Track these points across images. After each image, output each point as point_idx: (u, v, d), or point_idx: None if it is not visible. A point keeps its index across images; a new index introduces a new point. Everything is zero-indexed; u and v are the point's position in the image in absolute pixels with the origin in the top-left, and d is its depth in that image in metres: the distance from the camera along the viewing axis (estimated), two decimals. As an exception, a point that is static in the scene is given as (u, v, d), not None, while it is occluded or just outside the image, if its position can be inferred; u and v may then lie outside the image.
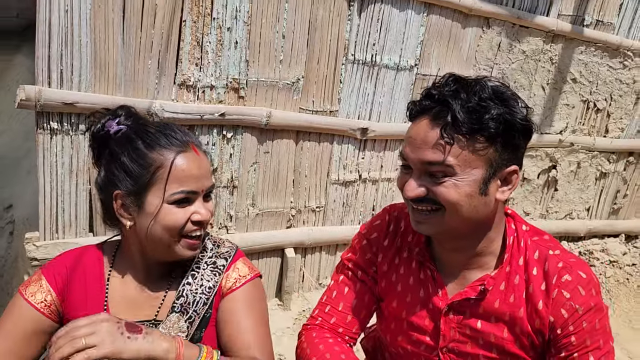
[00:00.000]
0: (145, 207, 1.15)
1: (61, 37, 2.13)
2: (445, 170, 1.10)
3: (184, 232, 1.17)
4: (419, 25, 2.90)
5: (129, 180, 1.15)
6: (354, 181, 3.05)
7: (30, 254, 2.31)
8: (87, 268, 1.25)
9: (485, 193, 1.13)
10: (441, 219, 1.15)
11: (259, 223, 2.84)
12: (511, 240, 1.23)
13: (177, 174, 1.14)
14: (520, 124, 1.11)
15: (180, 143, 1.17)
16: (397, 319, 1.33)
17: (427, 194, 1.13)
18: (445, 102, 1.10)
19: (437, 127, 1.10)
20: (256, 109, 2.60)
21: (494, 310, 1.21)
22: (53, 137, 2.24)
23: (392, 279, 1.35)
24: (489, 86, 1.12)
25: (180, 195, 1.15)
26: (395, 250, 1.36)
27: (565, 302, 1.15)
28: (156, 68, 2.34)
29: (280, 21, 2.55)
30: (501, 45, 3.18)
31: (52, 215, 2.33)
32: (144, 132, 1.17)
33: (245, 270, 1.29)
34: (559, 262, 1.18)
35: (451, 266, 1.27)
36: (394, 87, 2.95)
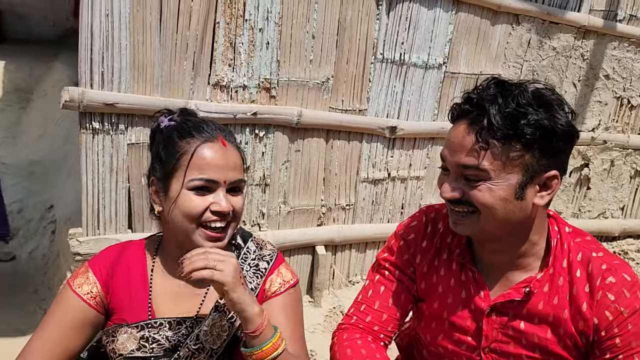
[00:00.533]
0: (169, 192, 1.19)
1: (102, 40, 2.23)
2: (479, 174, 1.11)
3: (202, 220, 1.18)
4: (448, 23, 2.92)
5: (160, 166, 1.22)
6: (383, 179, 3.08)
7: (73, 249, 2.41)
8: (130, 262, 1.29)
9: (522, 198, 1.13)
10: (476, 221, 1.16)
11: (291, 221, 2.90)
12: (555, 243, 1.23)
13: (198, 161, 1.18)
14: (560, 130, 1.09)
15: (208, 134, 1.21)
16: (438, 319, 1.34)
17: (463, 196, 1.15)
18: (482, 106, 1.10)
19: (474, 131, 1.10)
20: (287, 108, 2.66)
21: (538, 311, 1.22)
22: (95, 137, 2.34)
23: (432, 280, 1.36)
24: (529, 91, 1.11)
25: (199, 182, 1.17)
26: (435, 251, 1.37)
27: (610, 304, 1.15)
28: (191, 69, 2.43)
29: (310, 22, 2.61)
30: (531, 42, 3.17)
31: (94, 212, 2.43)
32: (182, 125, 1.23)
33: (289, 275, 1.33)
34: (603, 264, 1.18)
35: (493, 267, 1.28)
36: (422, 86, 2.98)
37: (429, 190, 3.24)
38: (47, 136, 5.25)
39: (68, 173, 4.22)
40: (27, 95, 6.46)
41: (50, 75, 6.44)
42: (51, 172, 4.52)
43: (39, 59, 6.89)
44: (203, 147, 1.19)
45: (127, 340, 1.20)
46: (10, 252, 3.63)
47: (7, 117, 6.01)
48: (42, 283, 3.31)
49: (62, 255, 3.22)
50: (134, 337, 1.21)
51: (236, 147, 1.25)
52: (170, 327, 1.22)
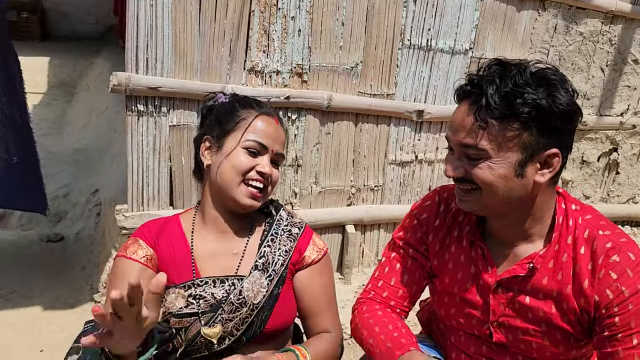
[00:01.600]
0: (224, 148, 1.39)
1: (147, 29, 2.40)
2: (479, 153, 1.16)
3: (247, 177, 1.36)
4: (474, 10, 3.00)
5: (218, 126, 1.41)
6: (410, 162, 3.19)
7: (120, 223, 2.60)
8: (170, 230, 1.42)
9: (522, 175, 1.17)
10: (479, 198, 1.21)
11: (322, 200, 3.03)
12: (560, 220, 1.25)
13: (255, 127, 1.39)
14: (559, 109, 1.11)
15: (267, 110, 1.43)
16: (449, 294, 1.40)
17: (465, 175, 1.20)
18: (481, 87, 1.14)
19: (473, 111, 1.15)
20: (318, 92, 2.79)
21: (542, 287, 1.25)
22: (139, 119, 2.51)
23: (444, 257, 1.41)
24: (528, 70, 1.13)
25: (253, 143, 1.37)
26: (447, 229, 1.42)
27: (612, 282, 1.16)
28: (228, 55, 2.58)
29: (340, 9, 2.73)
30: (557, 27, 3.22)
31: (139, 190, 2.61)
32: (244, 99, 1.46)
33: (321, 244, 1.51)
34: (608, 242, 1.19)
35: (501, 244, 1.31)
36: (449, 71, 3.06)
37: (456, 173, 3.32)
38: (91, 126, 5.49)
39: (111, 159, 4.43)
40: (71, 90, 6.72)
41: (93, 69, 6.68)
42: (95, 159, 4.74)
43: (81, 55, 7.17)
44: (262, 117, 1.40)
45: (175, 299, 1.34)
46: (59, 233, 3.87)
47: (53, 110, 6.26)
48: (89, 261, 3.52)
49: (107, 233, 3.40)
50: (181, 296, 1.34)
51: (284, 129, 1.47)
52: (214, 285, 1.36)
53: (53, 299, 3.17)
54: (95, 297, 3.12)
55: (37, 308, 3.05)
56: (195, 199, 2.73)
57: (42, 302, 3.11)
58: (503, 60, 1.19)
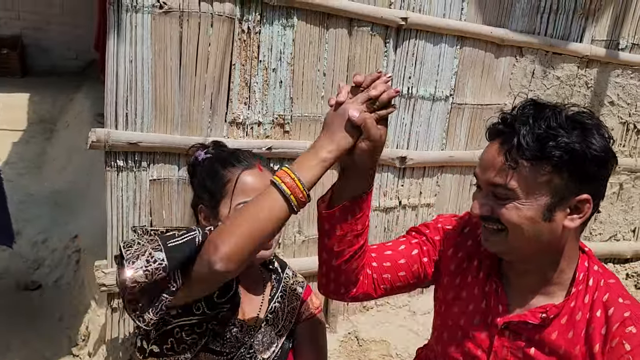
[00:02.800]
0: (219, 216, 1.35)
1: (127, 84, 2.38)
2: (507, 193, 1.13)
3: None
4: (453, 57, 3.04)
5: (207, 195, 1.38)
6: (394, 207, 3.18)
7: (99, 280, 2.54)
8: None
9: (550, 219, 1.13)
10: (505, 239, 1.17)
11: (305, 249, 3.00)
12: (581, 277, 1.22)
13: (242, 186, 1.34)
14: (592, 154, 1.09)
15: (247, 162, 1.38)
16: (453, 327, 1.35)
17: (492, 214, 1.17)
18: (514, 126, 1.12)
19: (504, 150, 1.13)
20: (300, 142, 2.79)
21: (550, 341, 1.21)
22: (119, 174, 2.48)
23: (456, 281, 1.37)
24: (564, 113, 1.11)
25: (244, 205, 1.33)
26: (466, 254, 1.38)
27: (624, 354, 1.11)
28: (209, 108, 2.57)
29: (321, 60, 2.75)
30: (535, 72, 3.28)
31: (118, 245, 2.55)
32: (220, 156, 1.41)
33: (318, 302, 1.56)
34: (627, 312, 1.15)
35: (518, 288, 1.28)
36: (430, 117, 3.09)
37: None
38: (71, 167, 5.39)
39: (91, 203, 4.34)
40: (51, 127, 6.61)
41: (73, 106, 6.59)
42: (75, 202, 4.66)
43: (61, 91, 7.08)
44: (244, 174, 1.35)
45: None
46: (36, 281, 3.76)
47: (32, 149, 6.15)
48: (67, 311, 3.41)
49: (87, 283, 3.33)
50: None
51: (269, 170, 1.42)
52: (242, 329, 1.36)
53: (30, 353, 3.09)
54: (74, 350, 3.03)
55: (12, 363, 2.97)
56: (176, 253, 2.67)
57: (19, 356, 3.02)
58: (538, 100, 1.17)
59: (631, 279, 3.87)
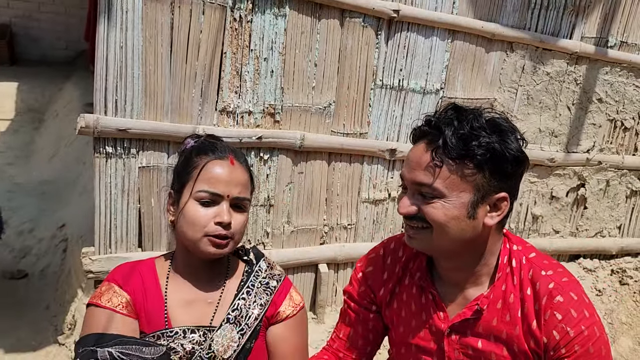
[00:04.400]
0: (180, 202, 1.31)
1: (116, 70, 2.37)
2: (434, 191, 1.17)
3: (206, 232, 1.27)
4: (444, 51, 3.05)
5: (176, 179, 1.35)
6: (383, 200, 3.19)
7: (86, 267, 2.53)
8: (143, 276, 1.36)
9: (473, 217, 1.19)
10: (429, 237, 1.22)
11: (294, 240, 3.00)
12: (505, 260, 1.28)
13: (206, 175, 1.29)
14: (510, 154, 1.17)
15: (220, 153, 1.33)
16: (405, 344, 1.39)
17: (418, 212, 1.20)
18: (439, 128, 1.18)
19: (430, 150, 1.18)
20: (291, 132, 2.79)
21: (492, 328, 1.26)
22: (108, 161, 2.46)
23: (394, 306, 1.42)
24: (483, 117, 1.20)
25: (204, 194, 1.28)
26: (396, 279, 1.42)
27: (557, 323, 1.18)
28: (199, 96, 2.56)
29: (312, 51, 2.75)
30: (525, 67, 3.30)
31: (106, 232, 2.55)
32: (200, 145, 1.37)
33: (298, 299, 1.45)
34: (550, 283, 1.21)
35: (451, 288, 1.33)
36: (420, 110, 3.10)
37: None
38: (59, 157, 5.36)
39: (79, 193, 4.33)
40: (40, 116, 6.58)
41: (62, 96, 6.55)
42: (62, 192, 4.63)
43: (50, 81, 7.04)
44: (212, 163, 1.30)
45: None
46: (22, 270, 3.73)
47: (21, 138, 6.11)
48: (54, 300, 3.40)
49: (73, 272, 3.31)
50: None
51: (245, 168, 1.36)
52: (184, 335, 1.30)
53: (15, 341, 3.06)
54: (60, 338, 3.02)
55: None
56: (165, 240, 2.67)
57: (3, 345, 2.99)
58: (459, 105, 1.24)
59: (616, 275, 3.91)
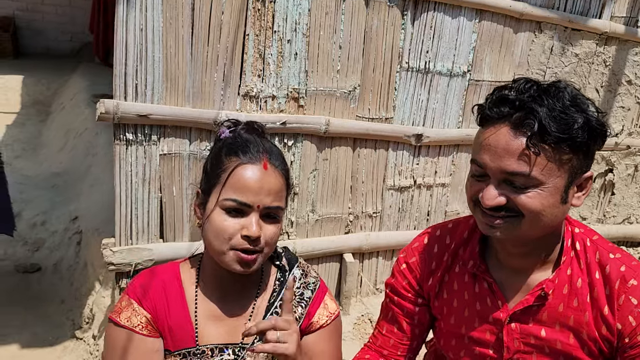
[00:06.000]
0: (207, 206, 1.18)
1: (136, 54, 2.26)
2: (529, 180, 1.06)
3: (232, 244, 1.14)
4: (471, 32, 2.95)
5: (205, 178, 1.22)
6: (409, 187, 3.10)
7: (107, 258, 2.44)
8: (168, 286, 1.25)
9: (566, 201, 1.10)
10: (517, 226, 1.11)
11: (319, 229, 2.91)
12: (569, 243, 1.20)
13: (235, 181, 1.14)
14: (603, 132, 1.09)
15: (252, 155, 1.17)
16: (456, 335, 1.32)
17: (508, 203, 1.09)
18: (529, 108, 1.05)
19: (522, 136, 1.05)
20: (315, 117, 2.69)
21: (558, 315, 1.17)
22: (128, 148, 2.37)
23: (444, 296, 1.34)
24: (568, 91, 1.08)
25: (231, 203, 1.14)
26: (445, 268, 1.34)
27: (633, 309, 1.10)
28: (222, 80, 2.46)
29: (337, 32, 2.64)
30: (554, 49, 3.19)
31: (127, 222, 2.46)
32: (232, 141, 1.22)
33: (333, 306, 1.33)
34: (621, 266, 1.14)
35: (510, 273, 1.24)
36: (447, 94, 3.00)
37: (455, 197, 3.25)
38: (68, 149, 5.29)
39: (91, 184, 4.25)
40: (46, 109, 6.52)
41: (68, 88, 6.49)
42: (74, 184, 4.55)
43: (56, 73, 6.98)
44: (242, 167, 1.15)
45: None
46: (36, 264, 3.66)
47: (27, 130, 6.05)
48: (69, 294, 3.33)
49: (90, 264, 3.24)
50: None
51: (281, 172, 1.20)
52: (212, 354, 1.20)
53: (31, 337, 3.00)
54: (77, 333, 2.95)
55: (13, 347, 2.86)
56: (187, 231, 2.58)
57: (19, 340, 2.92)
58: (531, 78, 1.12)
59: (644, 262, 3.82)
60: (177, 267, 1.29)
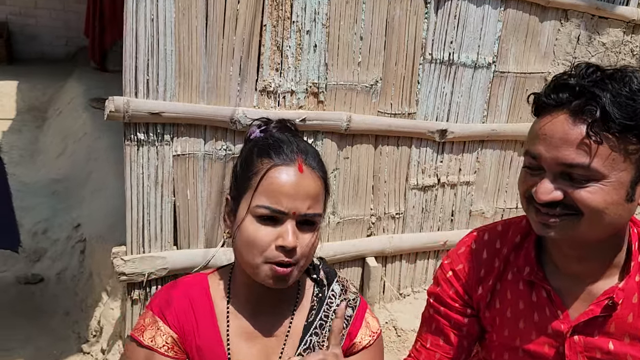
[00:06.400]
0: (237, 214, 1.07)
1: (147, 46, 2.11)
2: (590, 173, 0.96)
3: (266, 256, 1.03)
4: (496, 21, 2.81)
5: (234, 183, 1.11)
6: (432, 186, 2.95)
7: (118, 268, 2.28)
8: (196, 300, 1.14)
9: (632, 199, 0.99)
10: (575, 225, 1.01)
11: (340, 232, 2.76)
12: (637, 247, 1.09)
13: (267, 186, 1.03)
14: None
15: (286, 156, 1.05)
16: (510, 348, 1.20)
17: (565, 199, 0.99)
18: (590, 93, 0.95)
19: (581, 123, 0.96)
20: (336, 113, 2.54)
21: (627, 326, 1.06)
22: (139, 149, 2.21)
23: (496, 306, 1.22)
24: (636, 76, 0.98)
25: (264, 210, 1.02)
26: (497, 275, 1.22)
27: None
28: (238, 75, 2.31)
29: (358, 22, 2.49)
30: (580, 38, 3.06)
31: (139, 229, 2.30)
32: (263, 142, 1.10)
33: (375, 325, 1.21)
34: None
35: (571, 281, 1.13)
36: (471, 86, 2.86)
37: (480, 196, 3.10)
38: (67, 154, 5.15)
39: (93, 190, 4.10)
40: (42, 115, 6.39)
41: (65, 93, 6.39)
42: (75, 190, 4.40)
43: (52, 78, 6.85)
44: (275, 170, 1.03)
45: None
46: (38, 274, 3.49)
47: (24, 137, 5.93)
48: (74, 305, 3.17)
49: (95, 274, 3.10)
50: None
51: (318, 174, 1.08)
52: None
53: (35, 351, 2.86)
54: (84, 347, 2.79)
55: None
56: (202, 237, 2.42)
57: (23, 355, 2.77)
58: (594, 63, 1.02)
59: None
60: (206, 279, 1.17)
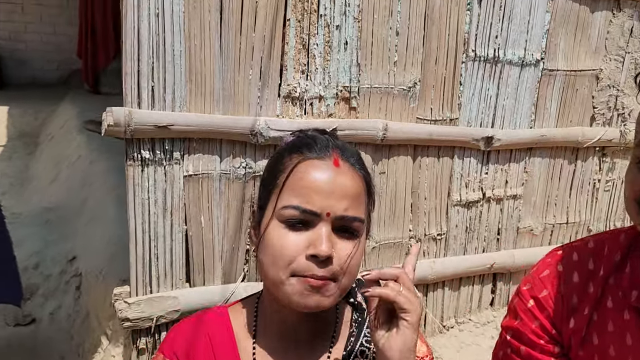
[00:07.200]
0: (262, 222, 0.91)
1: (152, 47, 1.78)
2: None
3: (293, 269, 0.85)
4: (544, 12, 2.51)
5: (261, 191, 0.95)
6: (477, 201, 2.60)
7: (121, 313, 1.91)
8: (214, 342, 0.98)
9: None
10: None
11: (376, 258, 2.41)
12: None
13: (296, 182, 0.86)
14: None
15: (318, 149, 0.89)
16: None
17: None
18: None
19: None
20: (371, 121, 2.21)
21: None
22: (144, 169, 1.86)
23: (593, 342, 1.01)
24: None
25: (292, 211, 0.85)
26: (593, 304, 1.02)
27: None
28: (258, 79, 1.97)
29: (393, 15, 2.17)
30: (633, 30, 2.76)
31: (145, 265, 1.94)
32: (295, 140, 0.94)
33: (423, 349, 1.03)
34: None
35: None
36: (518, 87, 2.54)
37: (528, 211, 2.76)
38: (60, 181, 4.88)
39: (88, 220, 3.78)
40: (34, 140, 6.21)
41: (57, 117, 6.23)
42: (69, 220, 4.08)
43: (43, 102, 6.67)
44: (306, 164, 0.88)
45: None
46: (28, 315, 3.17)
47: (14, 165, 5.77)
48: (70, 349, 2.88)
49: (93, 315, 2.77)
50: None
51: (358, 171, 0.91)
52: None
53: (29, 404, 2.52)
54: (83, 400, 2.42)
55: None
56: (219, 272, 2.06)
57: (13, 410, 2.47)
58: None
59: None
60: (226, 312, 1.01)
